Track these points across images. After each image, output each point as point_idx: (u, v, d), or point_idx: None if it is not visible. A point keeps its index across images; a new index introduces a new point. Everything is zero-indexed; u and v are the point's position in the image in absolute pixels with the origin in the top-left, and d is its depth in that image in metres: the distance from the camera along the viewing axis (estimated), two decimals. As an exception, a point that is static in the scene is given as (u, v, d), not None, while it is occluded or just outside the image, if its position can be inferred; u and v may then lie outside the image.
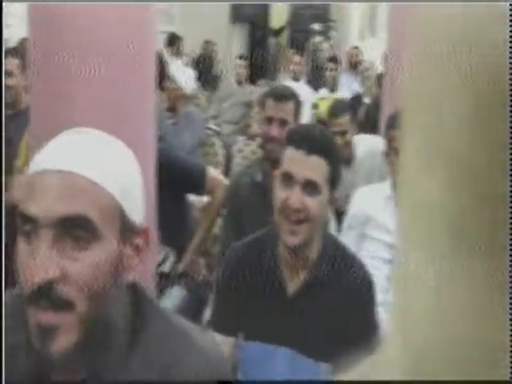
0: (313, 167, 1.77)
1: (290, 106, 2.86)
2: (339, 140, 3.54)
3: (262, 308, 1.86)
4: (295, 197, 1.76)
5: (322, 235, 1.87)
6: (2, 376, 1.04)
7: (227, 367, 1.22)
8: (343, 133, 3.66)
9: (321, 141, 1.80)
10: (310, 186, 1.77)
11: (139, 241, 1.06)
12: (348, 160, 3.68)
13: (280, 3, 11.41)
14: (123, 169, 1.04)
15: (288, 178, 1.79)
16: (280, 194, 1.79)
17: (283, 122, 2.82)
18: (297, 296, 1.85)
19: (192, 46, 9.05)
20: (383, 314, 2.50)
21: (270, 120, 2.85)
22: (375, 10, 13.41)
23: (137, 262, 1.06)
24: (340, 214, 3.21)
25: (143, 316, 1.10)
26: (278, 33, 11.68)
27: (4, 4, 1.55)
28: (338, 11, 12.01)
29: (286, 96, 2.88)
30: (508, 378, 0.38)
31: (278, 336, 1.81)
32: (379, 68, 7.97)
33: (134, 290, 1.12)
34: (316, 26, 11.47)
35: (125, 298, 1.09)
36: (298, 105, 2.90)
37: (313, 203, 1.77)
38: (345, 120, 3.69)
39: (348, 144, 3.69)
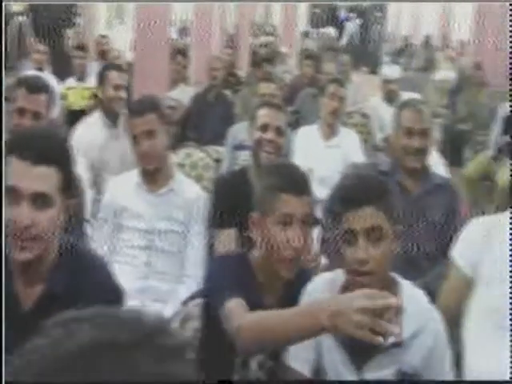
0: (41, 178, 1.62)
1: (43, 97, 2.80)
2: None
3: None
4: (23, 214, 1.61)
5: (58, 245, 1.74)
6: (1, 376, 0.98)
7: None
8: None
9: (47, 148, 1.65)
10: (39, 200, 1.62)
11: None
12: None
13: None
14: None
15: (14, 193, 1.62)
16: (6, 212, 1.62)
17: (36, 115, 2.75)
18: (32, 312, 1.70)
19: None
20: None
21: (21, 112, 2.76)
22: (121, -3, 13.25)
23: None
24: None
25: None
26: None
27: (4, 4, 1.30)
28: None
29: (39, 87, 2.81)
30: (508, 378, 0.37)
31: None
32: (128, 56, 7.93)
33: None
34: (16, 7, 10.43)
35: None
36: (50, 96, 2.86)
37: (44, 217, 1.63)
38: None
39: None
